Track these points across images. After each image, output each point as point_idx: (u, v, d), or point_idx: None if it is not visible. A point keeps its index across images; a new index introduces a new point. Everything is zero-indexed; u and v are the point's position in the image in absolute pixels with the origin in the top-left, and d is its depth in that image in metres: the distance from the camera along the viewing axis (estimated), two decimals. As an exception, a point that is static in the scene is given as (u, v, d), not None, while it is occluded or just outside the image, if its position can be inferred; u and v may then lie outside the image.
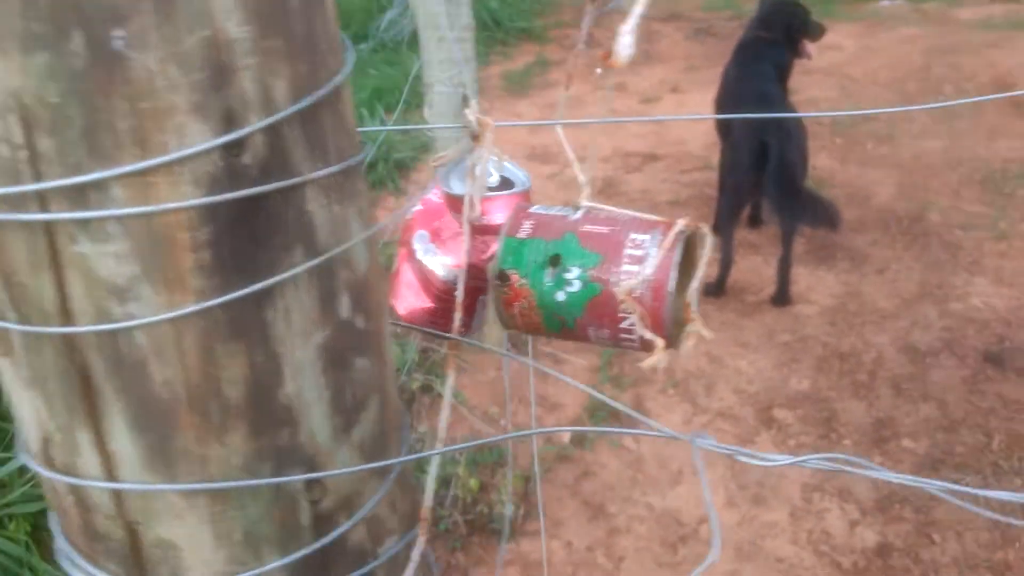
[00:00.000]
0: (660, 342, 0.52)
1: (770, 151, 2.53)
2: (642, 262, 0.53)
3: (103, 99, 0.34)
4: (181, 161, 0.36)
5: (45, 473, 0.45)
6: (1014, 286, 2.69)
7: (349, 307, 0.47)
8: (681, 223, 0.54)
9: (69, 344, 0.40)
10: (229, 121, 0.37)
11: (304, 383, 0.45)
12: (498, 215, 0.63)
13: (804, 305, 2.79)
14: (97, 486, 0.43)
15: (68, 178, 0.35)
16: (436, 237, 0.65)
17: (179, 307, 0.39)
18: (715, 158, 3.78)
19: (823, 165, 3.69)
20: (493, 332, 2.45)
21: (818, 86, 4.60)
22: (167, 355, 0.40)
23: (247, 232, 0.39)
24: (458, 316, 0.63)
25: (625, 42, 0.45)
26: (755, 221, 3.24)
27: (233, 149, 0.37)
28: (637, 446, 2.45)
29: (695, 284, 0.57)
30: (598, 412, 2.55)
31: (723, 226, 2.79)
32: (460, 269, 0.63)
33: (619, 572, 2.09)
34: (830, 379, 2.50)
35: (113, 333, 0.39)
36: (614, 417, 2.57)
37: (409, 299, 0.66)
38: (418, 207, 0.67)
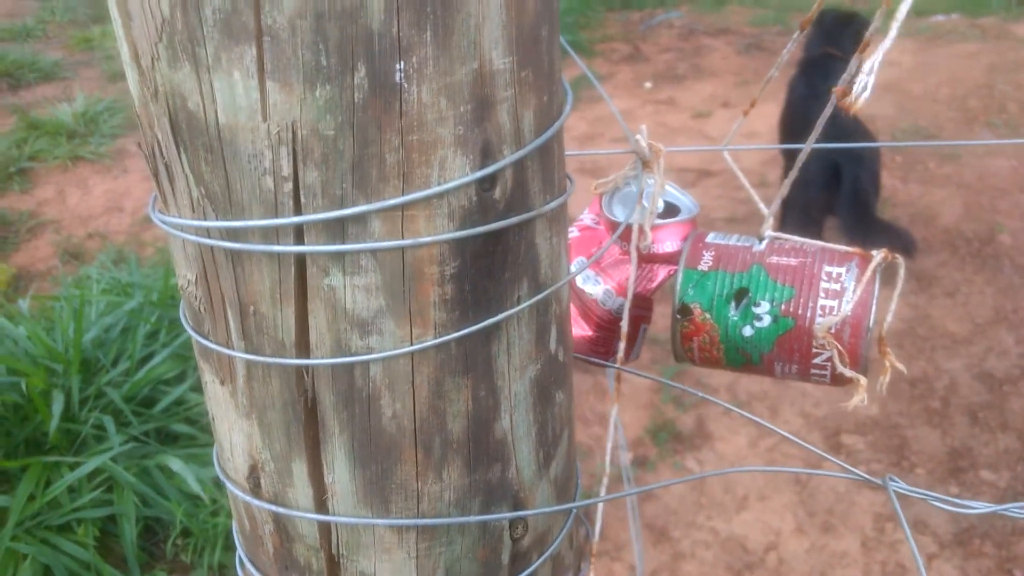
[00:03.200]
0: (863, 380, 0.50)
1: (843, 176, 2.48)
2: (840, 296, 0.51)
3: (376, 132, 0.34)
4: (441, 195, 0.35)
5: (252, 501, 0.44)
6: (1093, 313, 2.61)
7: (556, 340, 0.46)
8: (879, 255, 0.52)
9: (299, 376, 0.40)
10: (486, 155, 0.36)
11: (518, 418, 0.44)
12: (666, 243, 0.62)
13: (871, 328, 2.73)
14: (310, 518, 0.43)
15: (329, 211, 0.35)
16: (597, 264, 0.64)
17: (419, 341, 0.38)
18: (772, 175, 3.74)
19: (884, 184, 3.62)
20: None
21: (875, 103, 4.53)
22: (399, 389, 0.39)
23: (486, 266, 0.39)
24: (622, 346, 0.61)
25: (867, 83, 0.44)
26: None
27: (485, 183, 0.36)
28: (700, 468, 2.42)
29: (889, 318, 0.55)
30: (660, 433, 2.51)
31: (791, 246, 2.74)
32: (625, 299, 0.61)
33: (687, 597, 2.06)
34: (900, 405, 2.44)
35: (350, 366, 0.38)
36: (675, 439, 2.54)
37: None
38: (575, 232, 0.66)
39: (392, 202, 0.35)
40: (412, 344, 0.38)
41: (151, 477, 2.10)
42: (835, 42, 2.86)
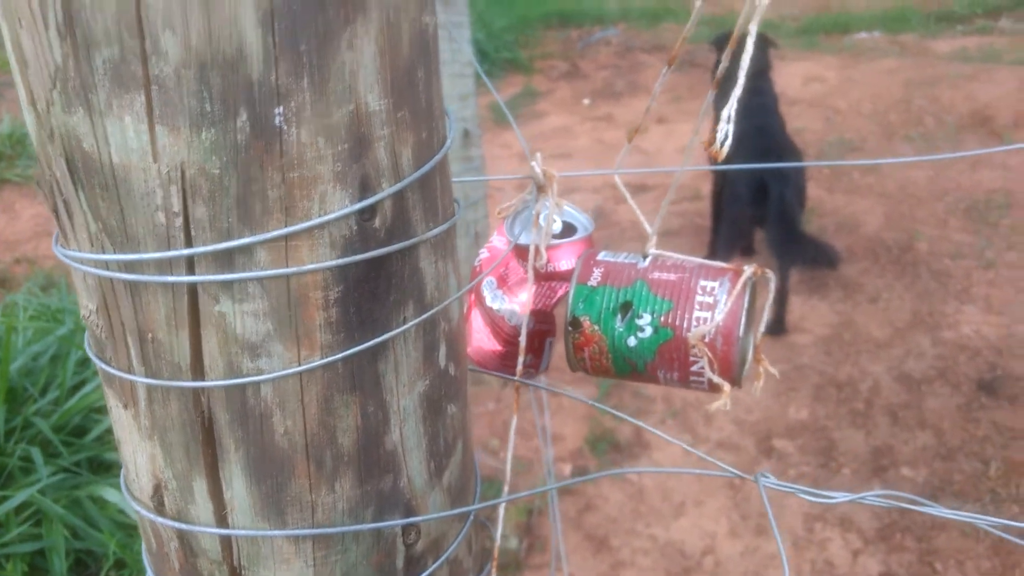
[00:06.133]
0: (727, 387, 0.55)
1: (770, 192, 2.58)
2: (712, 308, 0.55)
3: (259, 170, 0.37)
4: (322, 226, 0.38)
5: (156, 519, 0.46)
6: (1003, 314, 2.76)
7: (445, 356, 0.49)
8: (748, 271, 0.57)
9: (196, 397, 0.42)
10: (364, 188, 0.39)
11: (408, 430, 0.47)
12: (563, 261, 0.66)
13: (799, 334, 2.84)
14: (211, 532, 0.45)
15: (219, 243, 0.37)
16: (503, 283, 0.68)
17: (307, 362, 0.41)
18: (704, 188, 3.85)
19: (811, 194, 3.76)
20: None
21: (803, 117, 4.70)
22: (290, 407, 0.42)
23: (370, 290, 0.42)
24: (522, 359, 0.65)
25: (727, 131, 0.48)
26: (748, 251, 3.30)
27: (365, 214, 0.40)
28: (639, 478, 2.47)
29: (761, 328, 0.60)
30: (599, 444, 2.56)
31: (721, 258, 2.84)
32: (524, 315, 0.65)
33: (626, 603, 2.10)
34: (828, 408, 2.54)
35: (242, 387, 0.41)
36: (614, 449, 2.59)
37: (480, 343, 0.68)
38: (485, 254, 0.70)
39: (275, 233, 0.38)
40: (300, 365, 0.41)
41: (82, 508, 2.05)
42: (757, 59, 2.97)
